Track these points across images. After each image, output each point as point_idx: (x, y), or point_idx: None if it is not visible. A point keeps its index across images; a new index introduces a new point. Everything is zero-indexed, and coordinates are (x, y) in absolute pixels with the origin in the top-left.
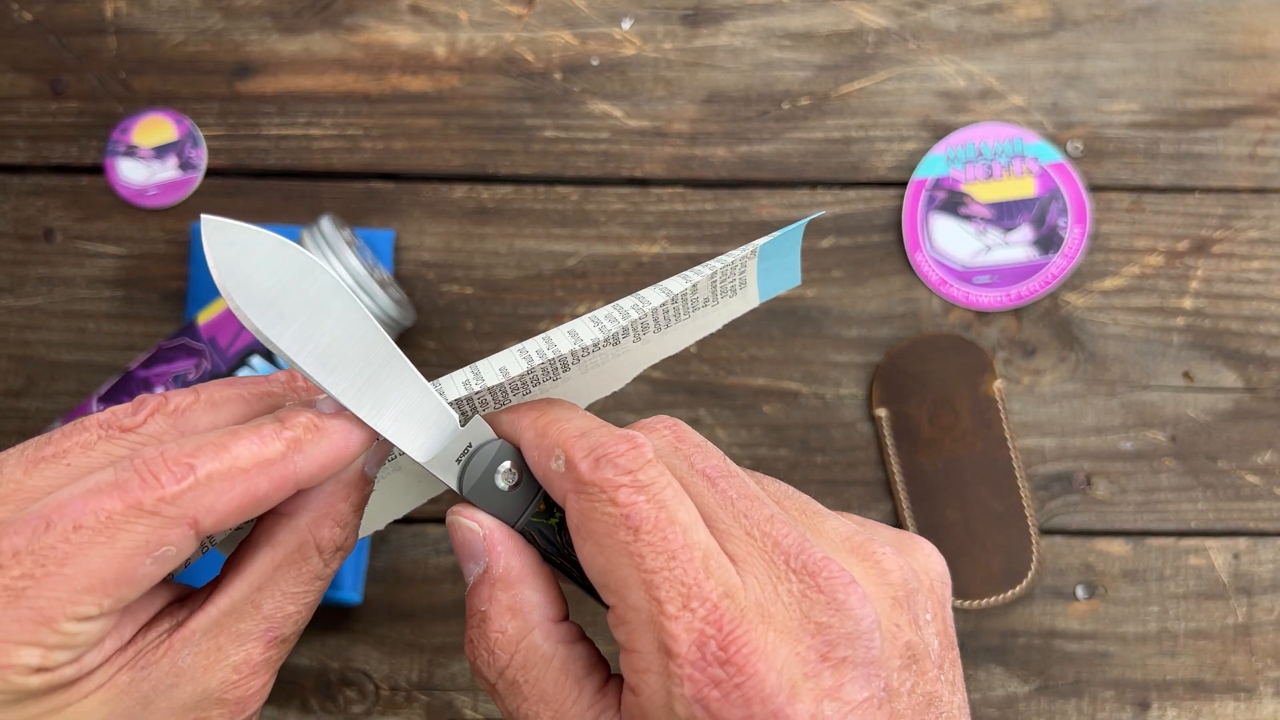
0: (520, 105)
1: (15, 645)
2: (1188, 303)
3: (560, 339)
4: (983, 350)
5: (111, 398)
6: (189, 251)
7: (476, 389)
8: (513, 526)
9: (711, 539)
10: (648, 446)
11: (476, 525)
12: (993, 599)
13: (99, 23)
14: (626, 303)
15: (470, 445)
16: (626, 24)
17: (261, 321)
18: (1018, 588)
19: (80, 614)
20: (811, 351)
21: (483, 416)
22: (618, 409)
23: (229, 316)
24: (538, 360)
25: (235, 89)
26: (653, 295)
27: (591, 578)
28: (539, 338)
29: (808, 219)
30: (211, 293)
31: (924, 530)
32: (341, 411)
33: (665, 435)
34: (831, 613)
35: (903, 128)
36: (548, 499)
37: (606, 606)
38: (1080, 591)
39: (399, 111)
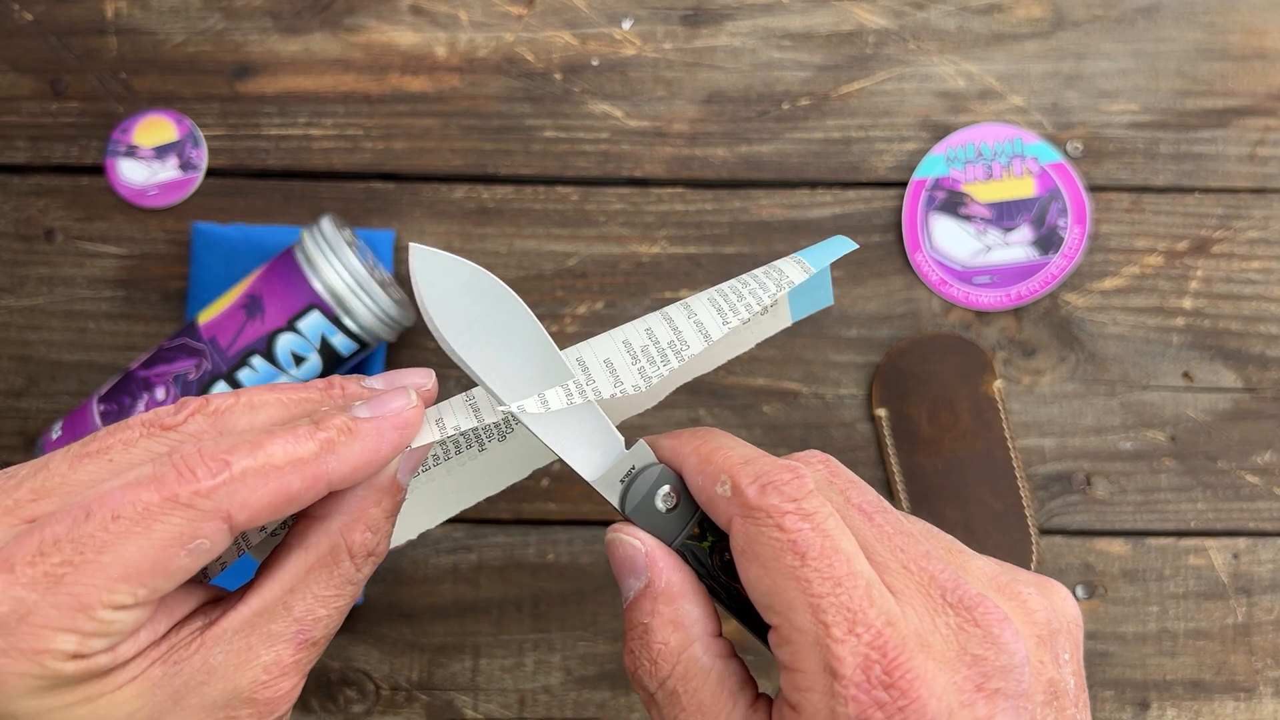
0: (520, 105)
1: (53, 631)
2: (1187, 303)
3: (623, 370)
4: (982, 350)
5: (112, 398)
6: (189, 251)
7: (556, 404)
8: (665, 535)
9: (872, 570)
10: (809, 477)
11: (639, 542)
12: None
13: (99, 23)
14: (663, 336)
15: (633, 468)
16: (627, 24)
17: (458, 344)
18: None
19: (116, 602)
20: (811, 351)
21: (645, 442)
22: None
23: (229, 317)
24: (604, 392)
25: (236, 89)
26: (690, 334)
27: (755, 598)
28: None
29: (840, 249)
30: (212, 293)
31: None
32: (376, 419)
33: (820, 469)
34: (987, 646)
35: (902, 128)
36: (702, 523)
37: (760, 629)
38: (1080, 591)
39: (399, 112)
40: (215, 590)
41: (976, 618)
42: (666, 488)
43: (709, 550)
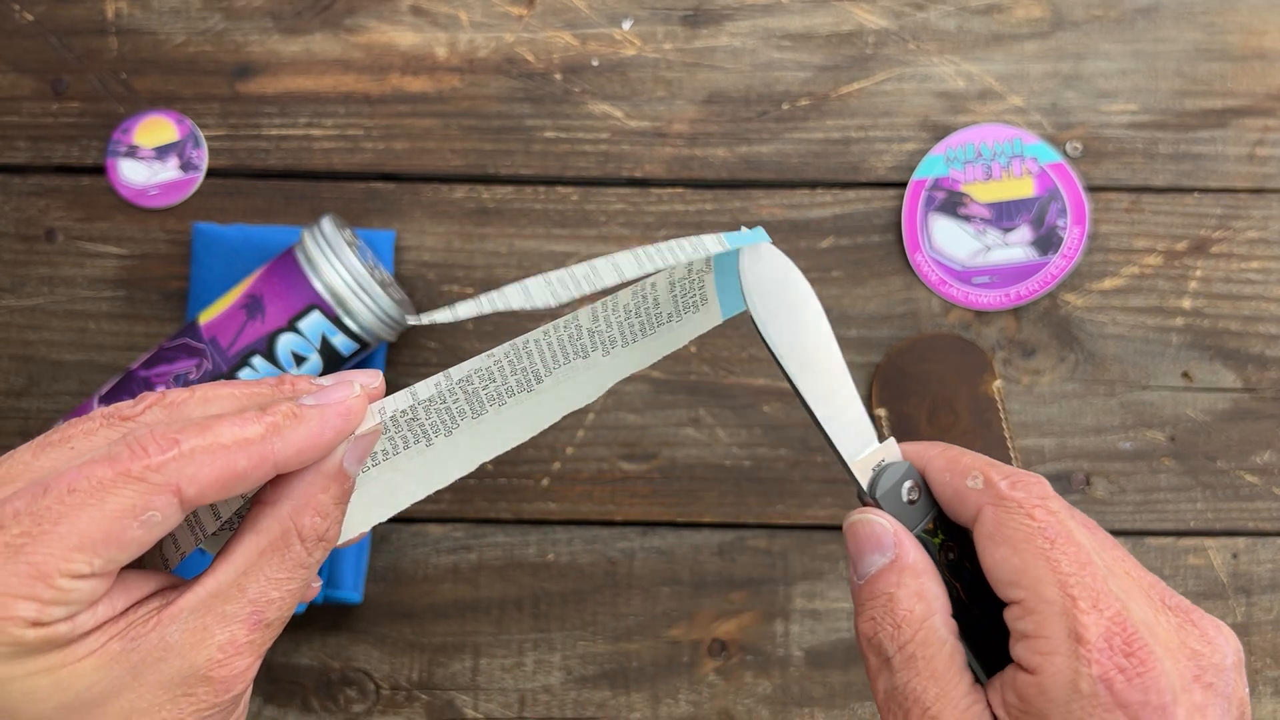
0: (521, 106)
1: (14, 599)
2: (1186, 303)
3: (526, 339)
4: (982, 350)
5: (113, 397)
6: (190, 252)
7: (444, 385)
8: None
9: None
10: (1048, 484)
11: (886, 523)
12: None
13: (100, 23)
14: (579, 271)
15: (883, 460)
16: (627, 25)
17: (768, 329)
18: None
19: (73, 570)
20: None
21: (894, 440)
22: (618, 409)
23: (230, 317)
24: (510, 363)
25: (236, 89)
26: (604, 268)
27: (999, 577)
28: (509, 344)
29: (753, 235)
30: (212, 293)
31: None
32: (320, 405)
33: (1034, 487)
34: (1204, 644)
35: (902, 128)
36: (937, 520)
37: (994, 611)
38: None
39: (400, 112)
40: (174, 578)
41: (1194, 619)
42: (910, 482)
43: (939, 546)
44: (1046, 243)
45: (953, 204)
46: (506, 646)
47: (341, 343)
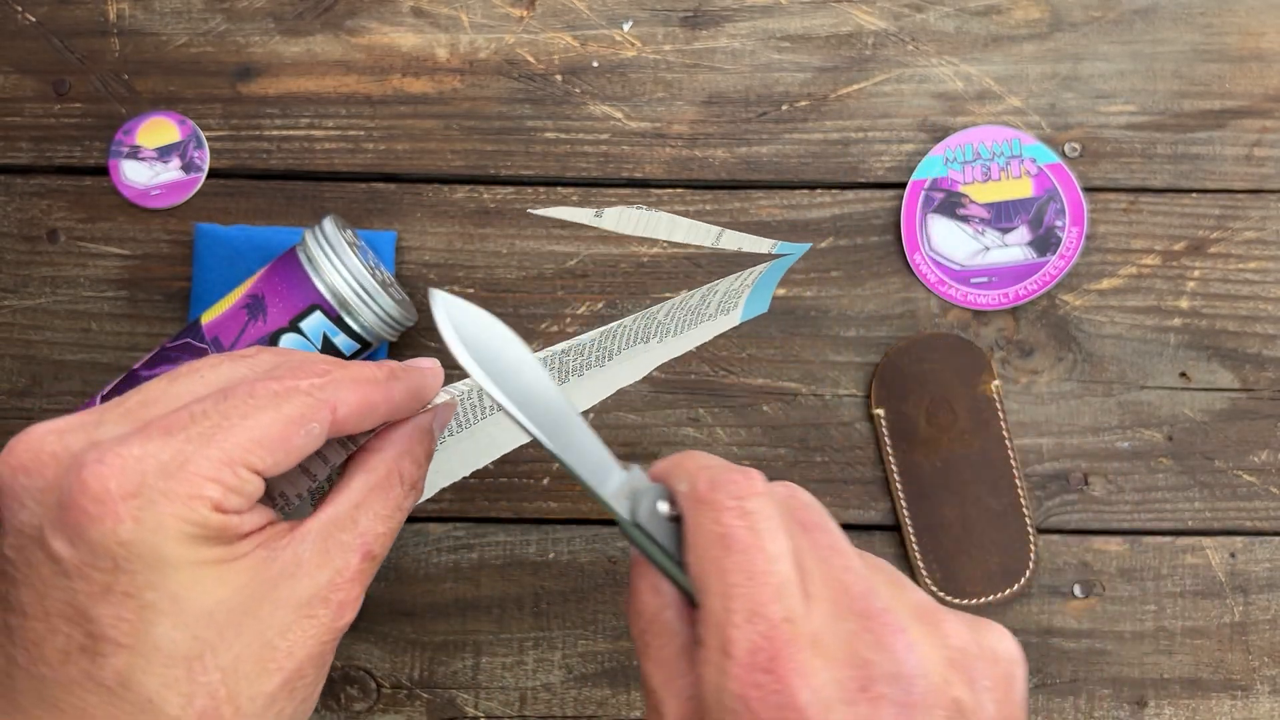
0: (521, 107)
1: (204, 479)
2: (1184, 303)
3: (599, 334)
4: (980, 350)
5: (114, 397)
6: (192, 252)
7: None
8: (670, 544)
9: (792, 572)
10: (760, 481)
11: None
12: (990, 597)
13: (102, 24)
14: (660, 311)
15: (635, 487)
16: (627, 26)
17: (481, 379)
18: (1015, 586)
19: (253, 463)
20: (810, 351)
21: (638, 468)
22: (618, 409)
23: (232, 317)
24: (597, 343)
25: (238, 90)
26: (680, 303)
27: (692, 580)
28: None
29: (798, 253)
30: (214, 293)
31: (922, 529)
32: (418, 366)
33: (780, 491)
34: (877, 652)
35: (901, 129)
36: None
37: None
38: (1077, 590)
39: (401, 113)
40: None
41: (873, 626)
42: (663, 501)
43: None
44: (1045, 243)
45: (951, 205)
46: (507, 645)
47: (343, 343)
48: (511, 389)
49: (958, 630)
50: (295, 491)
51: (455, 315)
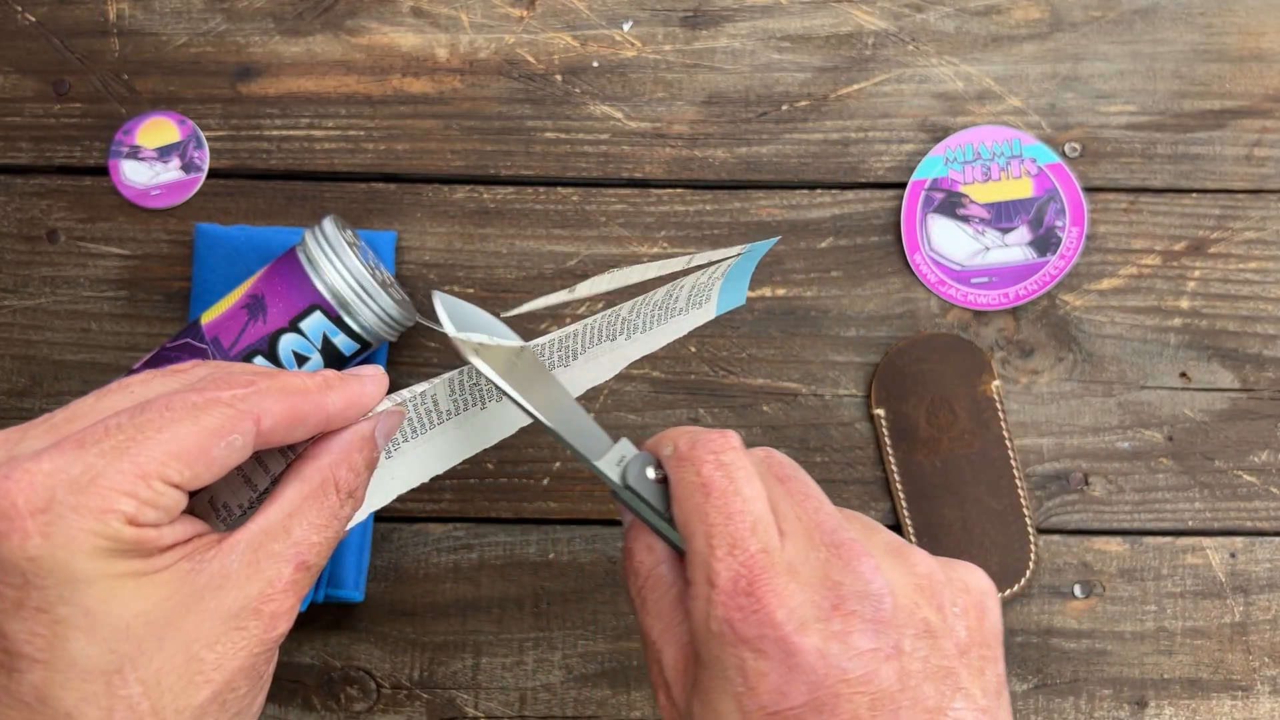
0: (521, 107)
1: (117, 493)
2: (1184, 303)
3: (575, 327)
4: (980, 350)
5: None
6: (192, 252)
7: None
8: (659, 504)
9: (767, 512)
10: (736, 439)
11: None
12: None
13: (102, 25)
14: (625, 308)
15: (624, 455)
16: (627, 26)
17: (480, 366)
18: (1015, 586)
19: (169, 476)
20: (810, 351)
21: (627, 440)
22: (617, 409)
23: (231, 317)
24: (559, 343)
25: (238, 90)
26: (651, 297)
27: (679, 529)
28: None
29: (766, 245)
30: (214, 293)
31: (922, 529)
32: (358, 374)
33: (758, 452)
34: (846, 574)
35: (901, 129)
36: None
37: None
38: (1078, 590)
39: (401, 113)
40: (208, 527)
41: (842, 554)
42: (651, 466)
43: None
44: (1045, 243)
45: (951, 205)
46: (507, 645)
47: (343, 343)
48: (505, 373)
49: (925, 561)
50: (237, 502)
51: (453, 311)
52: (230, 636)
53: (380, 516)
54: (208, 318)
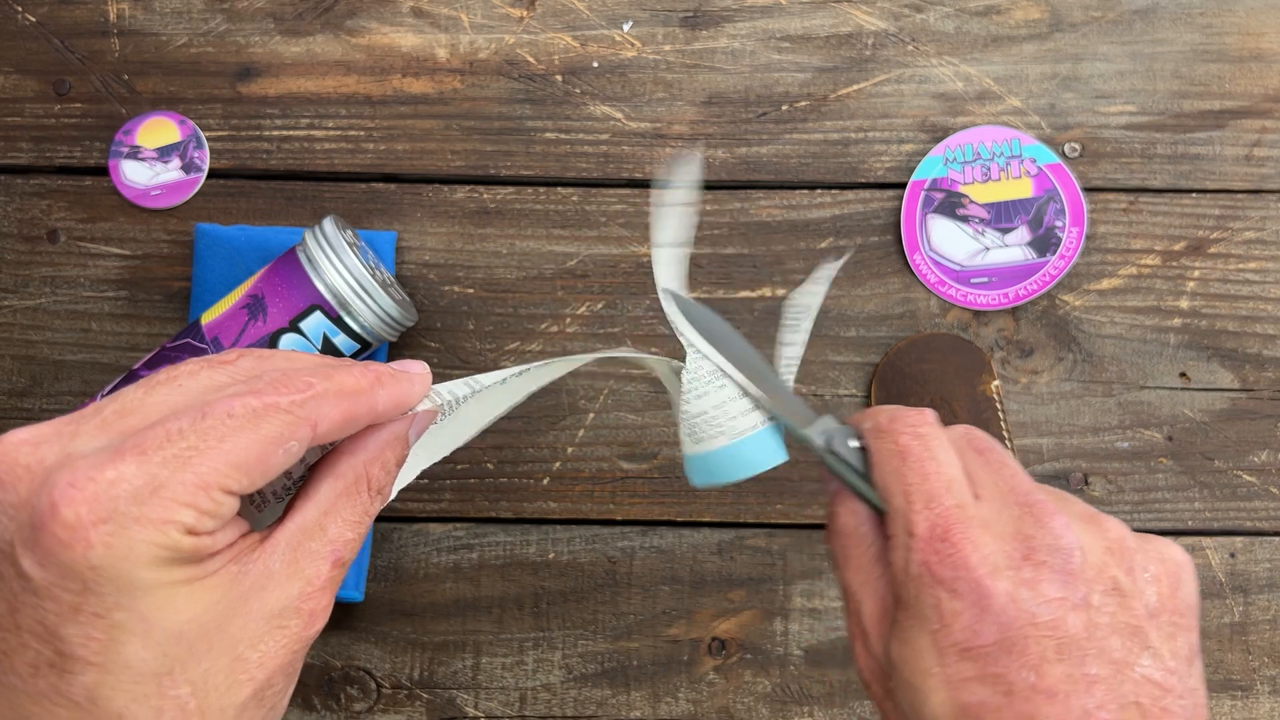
0: (521, 107)
1: (179, 504)
2: (1184, 303)
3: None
4: (980, 350)
5: None
6: (192, 252)
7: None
8: (861, 468)
9: (961, 474)
10: (932, 415)
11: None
12: None
13: (102, 25)
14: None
15: (827, 427)
16: (627, 27)
17: (705, 349)
18: None
19: (229, 486)
20: (810, 352)
21: (830, 415)
22: (618, 409)
23: (232, 317)
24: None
25: (238, 91)
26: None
27: (879, 491)
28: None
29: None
30: (214, 293)
31: None
32: (406, 371)
33: (957, 430)
34: (1036, 528)
35: (901, 130)
36: None
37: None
38: None
39: (401, 113)
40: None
41: (1033, 511)
42: (853, 438)
43: None
44: (1044, 243)
45: (951, 205)
46: (507, 645)
47: (343, 343)
48: (730, 354)
49: (1118, 528)
50: (272, 490)
51: (678, 300)
52: (272, 635)
53: (380, 516)
54: (208, 318)
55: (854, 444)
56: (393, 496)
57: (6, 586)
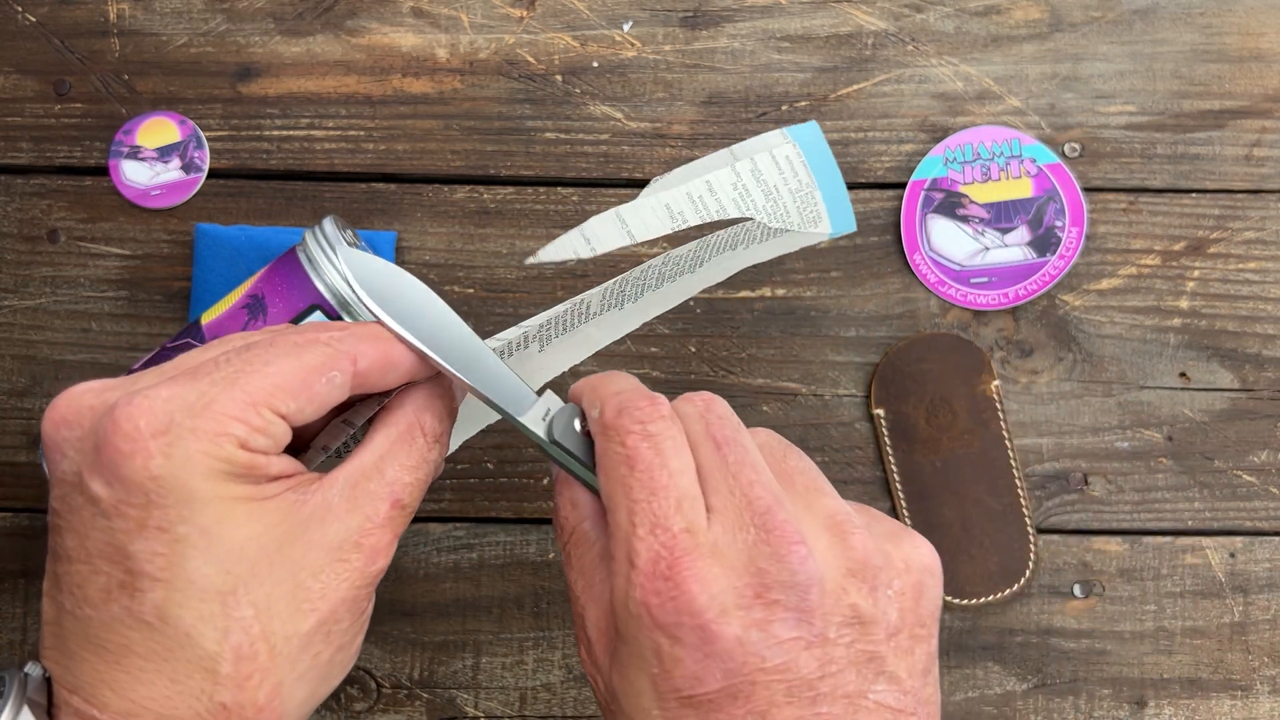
0: (521, 107)
1: (230, 418)
2: (1184, 303)
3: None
4: (980, 350)
5: None
6: (192, 252)
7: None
8: (587, 458)
9: (695, 486)
10: (665, 406)
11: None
12: (990, 597)
13: (102, 25)
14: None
15: (549, 409)
16: (627, 27)
17: (388, 321)
18: (1015, 586)
19: (276, 406)
20: (810, 351)
21: (550, 391)
22: None
23: (232, 317)
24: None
25: (238, 91)
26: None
27: (605, 501)
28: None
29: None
30: (214, 293)
31: (921, 529)
32: None
33: (697, 405)
34: (773, 561)
35: (900, 130)
36: None
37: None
38: (1077, 590)
39: (401, 113)
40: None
41: (771, 537)
42: (578, 419)
43: None
44: (1044, 243)
45: (951, 205)
46: (507, 645)
47: None
48: (418, 328)
49: (861, 539)
50: (336, 443)
51: (357, 266)
52: (334, 568)
53: None
54: (208, 318)
55: (579, 425)
56: (457, 445)
57: (77, 517)
